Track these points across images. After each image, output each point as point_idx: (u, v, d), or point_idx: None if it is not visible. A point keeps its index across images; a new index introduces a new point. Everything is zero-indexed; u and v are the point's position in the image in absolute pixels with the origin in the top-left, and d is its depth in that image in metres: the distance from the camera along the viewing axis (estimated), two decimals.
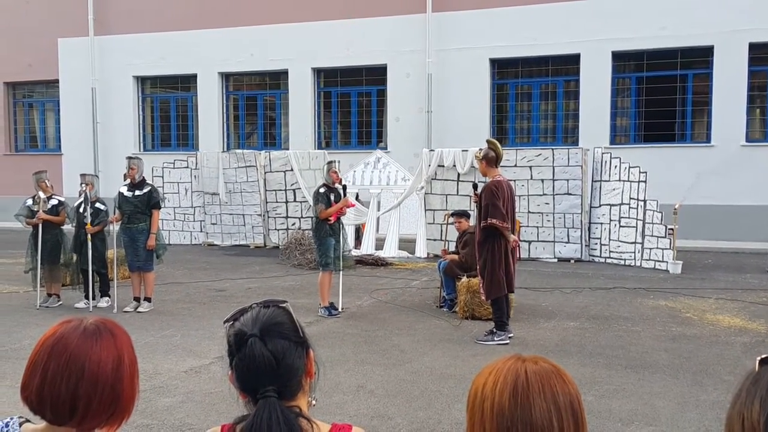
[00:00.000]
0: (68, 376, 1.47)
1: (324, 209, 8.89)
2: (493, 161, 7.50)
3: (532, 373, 1.42)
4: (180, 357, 6.90)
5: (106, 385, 1.50)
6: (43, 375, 1.49)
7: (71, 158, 21.08)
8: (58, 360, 1.48)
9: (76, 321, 1.56)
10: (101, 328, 1.55)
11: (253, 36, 19.19)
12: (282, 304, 1.66)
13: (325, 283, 8.95)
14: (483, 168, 7.59)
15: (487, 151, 7.52)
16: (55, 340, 1.52)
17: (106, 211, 9.54)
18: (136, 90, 20.96)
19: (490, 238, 7.43)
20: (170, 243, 15.18)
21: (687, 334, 7.72)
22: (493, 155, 7.50)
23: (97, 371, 1.49)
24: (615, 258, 13.24)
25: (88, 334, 1.52)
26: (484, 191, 7.44)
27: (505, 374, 1.43)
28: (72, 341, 1.51)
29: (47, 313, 9.09)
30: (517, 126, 18.13)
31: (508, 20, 17.10)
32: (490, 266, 7.45)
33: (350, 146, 19.18)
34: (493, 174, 7.52)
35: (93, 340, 1.51)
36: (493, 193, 7.35)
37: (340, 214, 9.10)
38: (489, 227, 7.36)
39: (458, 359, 6.78)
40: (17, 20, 21.52)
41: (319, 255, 9.13)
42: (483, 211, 7.39)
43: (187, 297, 10.13)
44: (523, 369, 1.43)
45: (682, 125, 16.65)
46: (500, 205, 7.34)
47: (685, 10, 15.76)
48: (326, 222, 8.94)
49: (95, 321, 1.56)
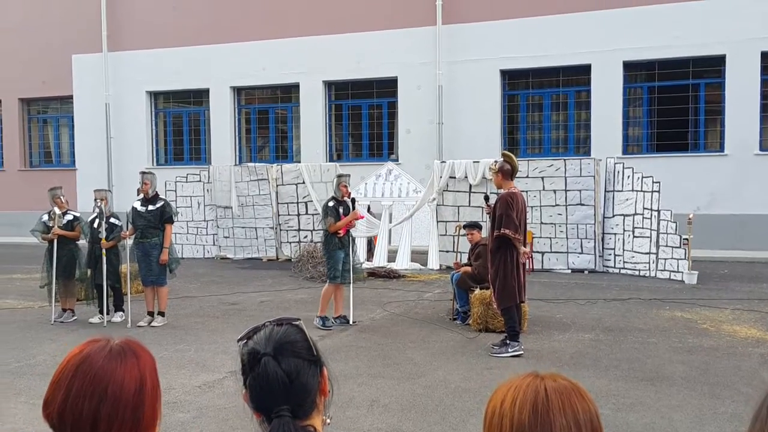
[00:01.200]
0: (91, 395, 1.47)
1: (333, 223, 8.92)
2: (508, 174, 7.51)
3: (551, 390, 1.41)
4: (193, 372, 6.89)
5: (128, 408, 1.49)
6: (66, 393, 1.49)
7: (85, 173, 21.22)
8: (83, 379, 1.49)
9: (103, 341, 1.56)
10: (126, 349, 1.55)
11: (264, 50, 19.29)
12: (295, 322, 1.65)
13: (327, 294, 8.99)
14: (498, 180, 7.58)
15: (503, 164, 7.53)
16: (81, 359, 1.52)
17: (120, 226, 9.57)
18: (149, 105, 21.10)
19: (503, 248, 7.43)
20: (183, 257, 15.22)
21: (703, 345, 7.64)
22: (509, 168, 7.51)
23: (120, 393, 1.49)
24: (629, 269, 13.16)
25: (113, 355, 1.52)
26: (499, 201, 7.44)
27: (525, 391, 1.42)
28: (97, 361, 1.51)
29: (62, 328, 9.13)
30: (529, 137, 18.10)
31: (518, 31, 17.10)
32: (502, 275, 7.44)
33: (361, 158, 19.20)
34: (508, 186, 7.52)
35: (118, 361, 1.52)
36: (508, 203, 7.36)
37: (350, 227, 9.10)
38: (501, 237, 7.35)
39: (473, 372, 6.74)
40: (32, 37, 21.74)
41: (327, 268, 9.19)
42: (497, 221, 7.39)
43: (200, 311, 10.14)
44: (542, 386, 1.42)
45: (695, 134, 16.57)
46: (514, 216, 7.34)
47: (696, 19, 15.71)
48: (335, 235, 8.96)
49: (121, 342, 1.56)
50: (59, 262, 9.48)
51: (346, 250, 9.05)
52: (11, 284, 12.85)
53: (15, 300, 11.18)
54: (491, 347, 7.49)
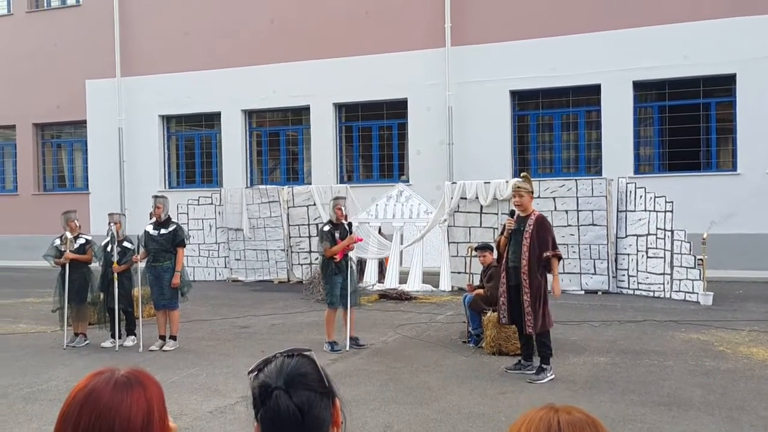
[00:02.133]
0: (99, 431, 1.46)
1: (329, 247, 8.90)
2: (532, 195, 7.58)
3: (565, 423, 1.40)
4: (205, 396, 6.86)
5: None
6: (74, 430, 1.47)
7: (98, 197, 21.34)
8: (89, 415, 1.47)
9: (108, 373, 1.54)
10: (132, 380, 1.53)
11: (274, 73, 19.42)
12: (306, 353, 1.63)
13: (329, 319, 8.96)
14: (528, 201, 7.52)
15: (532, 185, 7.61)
16: (86, 393, 1.51)
17: (133, 249, 9.60)
18: (162, 129, 21.25)
19: (542, 270, 7.37)
20: (195, 279, 15.22)
21: (721, 368, 7.54)
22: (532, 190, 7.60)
23: (127, 427, 1.47)
24: (643, 289, 13.04)
25: (119, 387, 1.50)
26: (542, 224, 7.40)
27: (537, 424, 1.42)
28: (103, 395, 1.49)
29: (74, 353, 9.12)
30: (539, 157, 18.08)
31: (527, 52, 17.14)
32: (543, 299, 7.35)
33: (372, 180, 19.23)
34: (531, 208, 7.53)
35: (124, 393, 1.50)
36: (549, 227, 7.38)
37: (347, 251, 9.02)
38: (555, 257, 7.33)
39: (486, 397, 6.67)
40: (46, 63, 21.99)
41: (325, 293, 9.20)
42: (542, 243, 7.31)
43: (211, 334, 10.11)
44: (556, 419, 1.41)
45: (707, 153, 16.49)
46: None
47: (706, 38, 15.69)
48: (332, 260, 8.90)
49: (127, 372, 1.54)
50: (71, 286, 9.49)
51: (344, 274, 8.97)
52: (24, 308, 12.88)
53: (28, 324, 11.21)
54: (529, 378, 7.28)
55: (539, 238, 7.32)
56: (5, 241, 22.48)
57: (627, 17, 16.30)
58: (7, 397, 6.99)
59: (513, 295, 7.53)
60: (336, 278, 8.99)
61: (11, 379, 7.69)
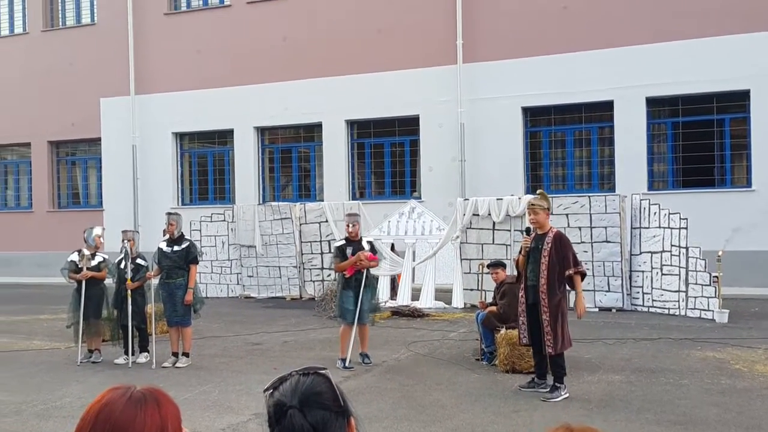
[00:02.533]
0: None
1: (338, 263, 9.01)
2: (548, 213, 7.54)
3: None
4: (218, 414, 6.85)
5: None
6: None
7: (112, 214, 21.46)
8: (103, 428, 1.48)
9: (124, 388, 1.55)
10: (148, 396, 1.54)
11: (286, 91, 19.53)
12: (322, 371, 1.63)
13: (342, 335, 9.00)
14: (542, 219, 7.48)
15: (549, 203, 7.59)
16: (100, 407, 1.52)
17: (146, 266, 9.63)
18: (175, 146, 21.39)
19: (563, 289, 7.30)
20: (207, 296, 15.26)
21: (737, 387, 7.45)
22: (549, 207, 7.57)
23: None
24: (658, 307, 12.94)
25: (133, 402, 1.51)
26: (561, 241, 7.34)
27: None
28: (117, 409, 1.50)
29: (88, 369, 9.14)
30: (552, 173, 18.05)
31: (539, 69, 17.16)
32: (562, 318, 7.29)
33: (384, 196, 19.24)
34: (548, 226, 7.49)
35: (138, 409, 1.50)
36: (568, 243, 7.35)
37: (358, 269, 8.94)
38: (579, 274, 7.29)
39: (500, 416, 6.62)
40: (61, 81, 22.23)
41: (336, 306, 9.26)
42: (562, 260, 7.25)
43: (224, 351, 10.11)
44: None
45: (721, 170, 16.41)
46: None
47: (719, 54, 15.66)
48: (344, 275, 8.99)
49: (143, 389, 1.55)
50: (89, 303, 9.53)
51: (355, 291, 8.92)
52: (38, 325, 12.94)
53: (41, 341, 11.25)
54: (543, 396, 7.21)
55: (558, 255, 7.26)
56: (20, 258, 22.63)
57: (639, 33, 16.31)
58: (20, 413, 7.00)
59: (531, 314, 7.46)
60: (345, 293, 9.01)
61: (25, 395, 7.71)
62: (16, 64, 23.00)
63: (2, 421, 6.76)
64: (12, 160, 24.41)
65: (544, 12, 17.22)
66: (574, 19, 16.98)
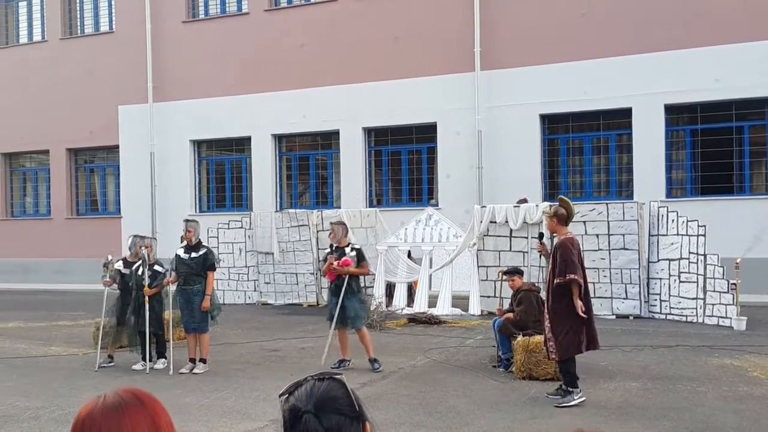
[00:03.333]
0: None
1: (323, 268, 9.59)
2: (563, 219, 7.42)
3: None
4: (234, 420, 6.87)
5: None
6: None
7: (130, 221, 21.62)
8: None
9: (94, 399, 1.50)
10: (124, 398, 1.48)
11: (304, 98, 19.62)
12: (337, 376, 1.64)
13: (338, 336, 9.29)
14: (553, 225, 7.46)
15: (558, 208, 7.47)
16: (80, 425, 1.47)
17: (164, 273, 9.70)
18: (193, 153, 21.53)
19: (567, 296, 7.27)
20: (224, 302, 15.31)
21: (755, 394, 7.38)
22: (564, 213, 7.43)
23: None
24: (676, 314, 12.84)
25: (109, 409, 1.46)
26: (560, 248, 7.29)
27: None
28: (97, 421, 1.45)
29: (106, 375, 9.21)
30: (570, 181, 17.98)
31: (557, 76, 17.12)
32: (564, 326, 7.25)
33: (401, 204, 19.25)
34: (563, 232, 7.43)
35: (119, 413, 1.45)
36: (570, 250, 7.26)
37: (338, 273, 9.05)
38: (566, 284, 7.19)
39: (516, 422, 6.60)
40: (80, 89, 22.45)
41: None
42: (559, 268, 7.22)
43: (241, 357, 10.15)
44: None
45: (740, 177, 16.26)
46: (577, 262, 7.24)
47: (738, 61, 15.54)
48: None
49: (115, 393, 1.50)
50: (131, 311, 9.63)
51: (337, 296, 9.09)
52: (57, 331, 13.05)
53: (60, 347, 11.34)
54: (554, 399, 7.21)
55: (560, 262, 7.23)
56: (39, 264, 22.84)
57: (658, 40, 16.23)
58: (38, 419, 7.07)
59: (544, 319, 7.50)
60: (330, 298, 9.40)
61: (43, 401, 7.78)
62: (35, 71, 23.25)
63: (20, 426, 6.83)
64: (31, 168, 24.68)
65: (562, 19, 17.19)
66: (593, 26, 16.93)
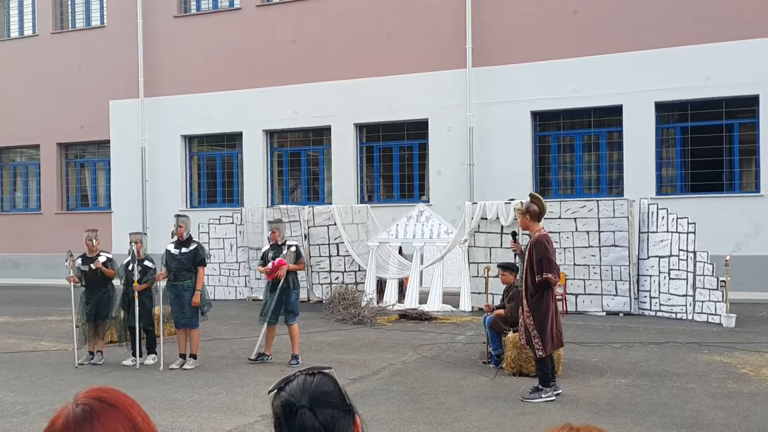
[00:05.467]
0: None
1: (260, 266, 9.76)
2: (536, 215, 7.41)
3: None
4: (225, 415, 6.87)
5: None
6: None
7: (121, 216, 21.56)
8: None
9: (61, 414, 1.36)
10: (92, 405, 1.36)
11: (296, 94, 19.59)
12: (326, 370, 1.64)
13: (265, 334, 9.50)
14: (525, 222, 7.47)
15: (530, 205, 7.43)
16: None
17: (154, 269, 9.67)
18: (184, 148, 21.46)
19: (546, 293, 7.30)
20: (215, 298, 15.29)
21: (743, 391, 7.43)
22: (536, 209, 7.40)
23: None
24: (666, 311, 12.91)
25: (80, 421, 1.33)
26: (536, 245, 7.28)
27: None
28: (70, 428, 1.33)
29: (96, 371, 9.19)
30: (561, 177, 18.03)
31: (549, 73, 17.15)
32: (546, 321, 7.28)
33: (393, 200, 19.26)
34: (536, 228, 7.42)
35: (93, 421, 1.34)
36: (546, 247, 7.26)
37: (276, 273, 9.24)
38: (543, 282, 7.22)
39: (506, 418, 6.62)
40: (70, 84, 22.35)
41: None
42: (536, 266, 7.24)
43: (231, 353, 10.14)
44: None
45: (730, 175, 16.35)
46: (554, 260, 7.26)
47: (728, 59, 15.62)
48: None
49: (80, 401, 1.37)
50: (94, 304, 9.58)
51: (274, 294, 9.30)
52: (46, 326, 13.00)
53: (49, 342, 11.30)
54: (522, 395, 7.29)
55: (537, 260, 7.23)
56: (29, 259, 22.75)
57: (649, 38, 16.29)
58: (27, 414, 7.04)
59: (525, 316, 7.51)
60: (268, 293, 9.55)
61: (32, 396, 7.76)
62: (25, 66, 23.12)
63: (9, 421, 6.81)
64: (21, 162, 24.54)
65: (554, 16, 17.22)
66: (584, 23, 16.97)
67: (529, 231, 7.50)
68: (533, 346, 7.32)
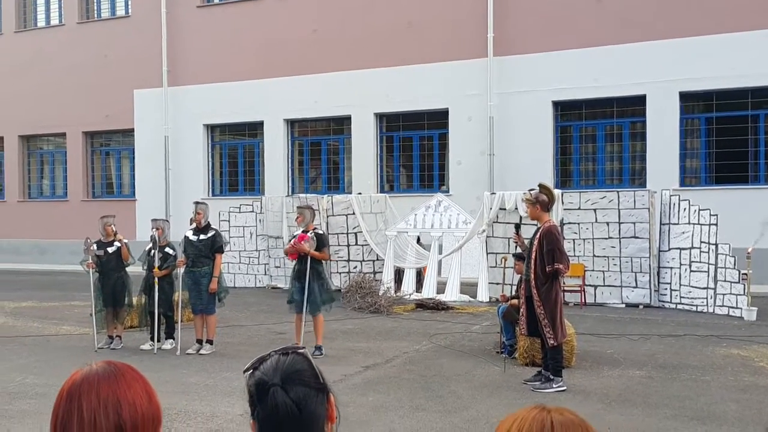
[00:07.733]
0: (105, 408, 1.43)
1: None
2: (545, 205, 7.37)
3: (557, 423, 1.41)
4: (238, 400, 6.94)
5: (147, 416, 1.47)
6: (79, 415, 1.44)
7: (144, 204, 21.80)
8: (89, 396, 1.45)
9: (86, 368, 1.53)
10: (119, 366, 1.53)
11: (317, 83, 19.62)
12: (300, 350, 1.68)
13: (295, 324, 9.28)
14: (535, 212, 7.42)
15: (539, 195, 7.38)
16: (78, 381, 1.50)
17: (174, 255, 9.78)
18: (206, 137, 21.63)
19: (554, 283, 7.29)
20: (235, 286, 15.46)
21: (759, 384, 7.36)
22: (546, 199, 7.36)
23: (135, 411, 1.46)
24: (686, 304, 12.79)
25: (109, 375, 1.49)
26: (546, 236, 7.24)
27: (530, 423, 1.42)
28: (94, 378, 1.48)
29: (115, 355, 9.30)
30: (582, 168, 17.89)
31: (571, 62, 17.00)
32: (556, 310, 7.27)
33: (412, 189, 19.26)
34: (545, 219, 7.38)
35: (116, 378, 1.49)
36: (557, 237, 7.24)
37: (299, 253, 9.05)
38: (554, 272, 7.20)
39: (515, 407, 6.56)
40: (96, 74, 22.59)
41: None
42: (547, 256, 7.21)
43: (248, 339, 10.24)
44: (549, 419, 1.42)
45: (754, 166, 16.11)
46: (564, 250, 7.23)
47: (753, 48, 15.36)
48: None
49: (107, 362, 1.53)
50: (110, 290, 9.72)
51: (301, 281, 9.08)
52: (70, 311, 13.21)
53: (72, 326, 11.50)
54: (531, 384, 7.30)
55: (548, 250, 7.20)
56: (55, 245, 23.09)
57: (673, 27, 16.06)
58: (46, 396, 7.17)
59: (529, 307, 7.47)
60: (293, 282, 9.33)
61: (54, 378, 7.89)
62: (52, 55, 23.41)
63: (28, 402, 6.95)
64: (48, 150, 24.90)
65: (577, 5, 17.05)
66: (607, 12, 16.77)
67: (538, 221, 7.46)
68: (544, 336, 7.30)
